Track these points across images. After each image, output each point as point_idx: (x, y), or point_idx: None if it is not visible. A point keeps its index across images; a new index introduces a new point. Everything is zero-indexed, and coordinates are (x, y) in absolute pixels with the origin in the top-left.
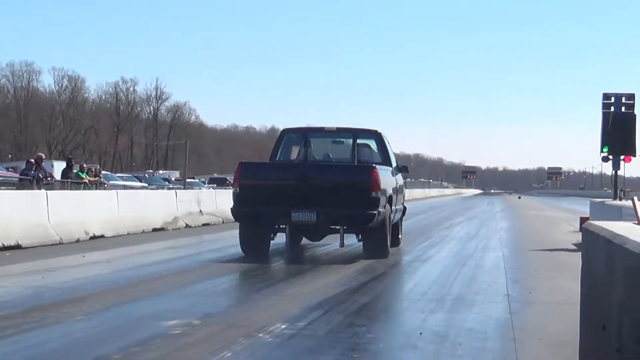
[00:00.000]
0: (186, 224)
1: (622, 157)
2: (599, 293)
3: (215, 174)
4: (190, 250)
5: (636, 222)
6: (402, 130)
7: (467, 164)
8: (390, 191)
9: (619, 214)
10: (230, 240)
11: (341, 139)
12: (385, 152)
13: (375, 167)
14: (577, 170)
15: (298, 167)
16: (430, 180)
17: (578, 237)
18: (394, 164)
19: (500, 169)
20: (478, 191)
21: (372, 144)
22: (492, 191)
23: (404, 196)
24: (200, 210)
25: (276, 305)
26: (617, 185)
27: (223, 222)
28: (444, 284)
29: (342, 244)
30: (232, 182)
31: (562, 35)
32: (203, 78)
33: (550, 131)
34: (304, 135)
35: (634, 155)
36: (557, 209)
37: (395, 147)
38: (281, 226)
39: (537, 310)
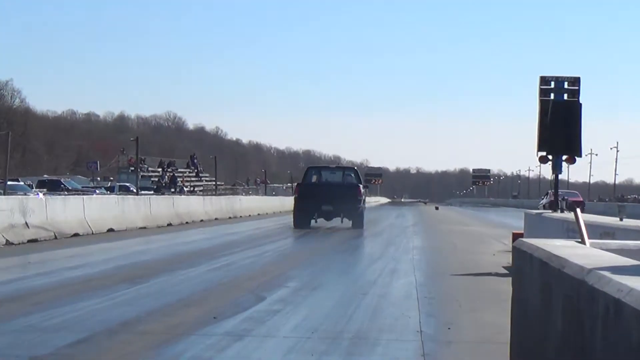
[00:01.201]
0: (7, 240)
1: (564, 157)
2: (533, 329)
3: (45, 175)
4: (11, 275)
5: (579, 240)
6: (289, 122)
7: (372, 164)
8: (364, 197)
9: (560, 229)
10: (65, 261)
11: (335, 171)
12: (358, 178)
13: (359, 185)
14: (509, 174)
15: (325, 185)
16: None
17: (510, 259)
18: (363, 183)
19: (413, 171)
20: (385, 200)
21: (352, 174)
22: (402, 200)
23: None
24: (26, 223)
25: (128, 344)
26: (558, 193)
27: (56, 237)
28: (340, 318)
29: (342, 221)
30: (66, 186)
31: (492, 15)
32: (31, 52)
33: (475, 126)
34: (319, 169)
35: (579, 155)
36: (484, 222)
37: (281, 142)
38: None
39: (457, 352)
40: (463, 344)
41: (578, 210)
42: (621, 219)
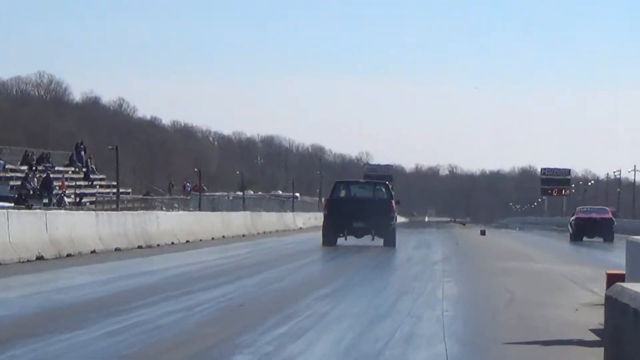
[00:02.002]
0: None
1: None
2: None
3: None
4: None
5: None
6: (237, 94)
7: (375, 160)
8: (395, 214)
9: None
10: None
11: (365, 186)
12: (389, 193)
13: (392, 201)
14: (602, 177)
15: (355, 201)
16: (298, 195)
17: (601, 316)
18: (394, 199)
19: (444, 172)
20: (399, 219)
21: (383, 188)
22: (427, 218)
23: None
24: None
25: None
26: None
27: None
28: None
29: (373, 239)
30: None
31: None
32: None
33: (544, 102)
34: (348, 184)
35: None
36: (561, 256)
37: (225, 124)
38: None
39: None
40: None
41: None
42: None
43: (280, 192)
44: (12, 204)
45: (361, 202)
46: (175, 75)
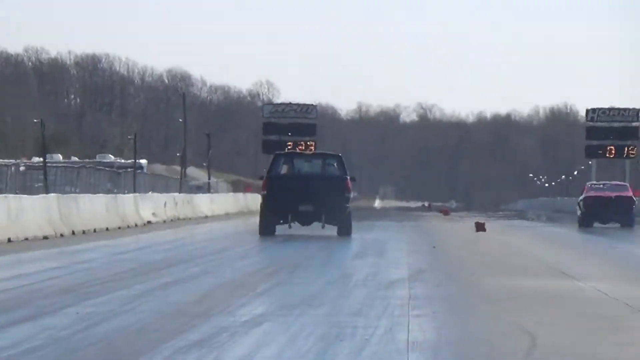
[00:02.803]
0: None
1: None
2: None
3: None
4: None
5: None
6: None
7: (284, 97)
8: (351, 194)
9: None
10: None
11: (312, 159)
12: (343, 168)
13: (347, 178)
14: None
15: (302, 178)
16: (144, 163)
17: None
18: (349, 176)
19: (411, 117)
20: None
21: (335, 162)
22: (376, 204)
23: None
24: None
25: None
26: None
27: None
28: None
29: (323, 226)
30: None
31: None
32: None
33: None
34: (290, 156)
35: None
36: (621, 267)
37: (17, 41)
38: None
39: None
40: None
41: None
42: None
43: (113, 158)
44: None
45: (309, 180)
46: None
